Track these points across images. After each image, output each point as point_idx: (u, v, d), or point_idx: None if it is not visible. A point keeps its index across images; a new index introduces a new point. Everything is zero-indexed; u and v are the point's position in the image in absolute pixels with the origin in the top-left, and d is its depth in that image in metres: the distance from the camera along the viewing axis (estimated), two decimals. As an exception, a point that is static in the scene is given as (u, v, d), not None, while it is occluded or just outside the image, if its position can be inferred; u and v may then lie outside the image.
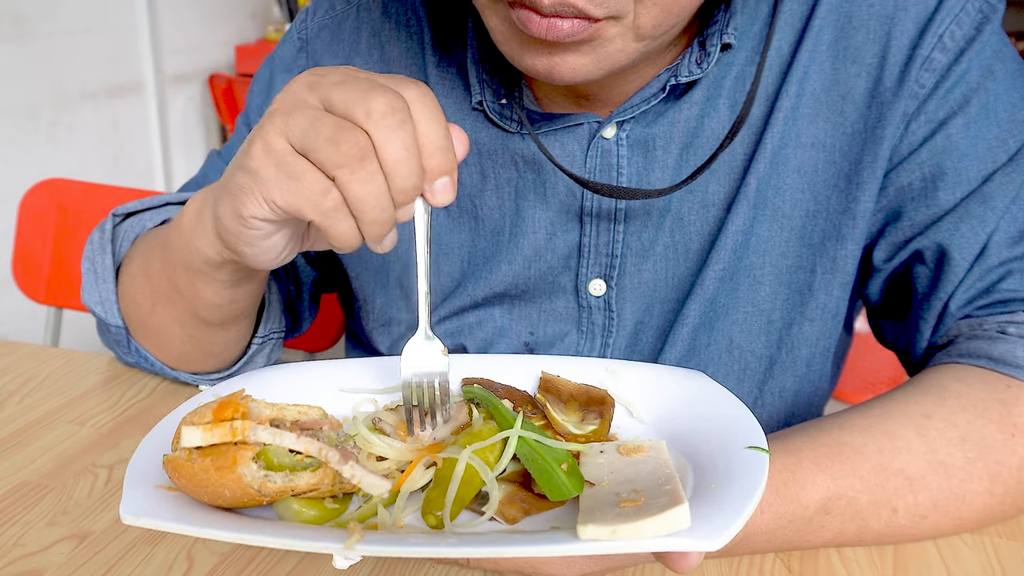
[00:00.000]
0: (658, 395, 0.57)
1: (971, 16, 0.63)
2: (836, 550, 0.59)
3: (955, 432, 0.57)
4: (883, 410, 0.59)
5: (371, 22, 0.76)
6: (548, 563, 0.49)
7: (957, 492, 0.57)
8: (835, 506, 0.55)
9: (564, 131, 0.69)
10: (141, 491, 0.46)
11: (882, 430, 0.57)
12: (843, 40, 0.65)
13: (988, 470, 0.57)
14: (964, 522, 0.58)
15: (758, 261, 0.69)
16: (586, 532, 0.41)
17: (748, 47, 0.67)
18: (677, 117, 0.67)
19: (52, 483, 0.67)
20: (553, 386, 0.59)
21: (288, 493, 0.46)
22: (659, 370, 0.59)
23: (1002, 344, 0.61)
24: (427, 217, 0.51)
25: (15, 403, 0.79)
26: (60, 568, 0.58)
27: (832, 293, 0.69)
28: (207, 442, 0.45)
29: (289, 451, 0.47)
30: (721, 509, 0.41)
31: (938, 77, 0.63)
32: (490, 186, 0.73)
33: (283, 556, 0.59)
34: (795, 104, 0.66)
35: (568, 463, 0.47)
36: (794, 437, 0.58)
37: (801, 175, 0.67)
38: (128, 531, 0.61)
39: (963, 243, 0.64)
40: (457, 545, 0.41)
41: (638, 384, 0.58)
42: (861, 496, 0.56)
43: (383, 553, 0.41)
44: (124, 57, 2.76)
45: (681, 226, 0.69)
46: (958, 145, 0.64)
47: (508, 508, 0.48)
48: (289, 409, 0.50)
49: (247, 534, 0.42)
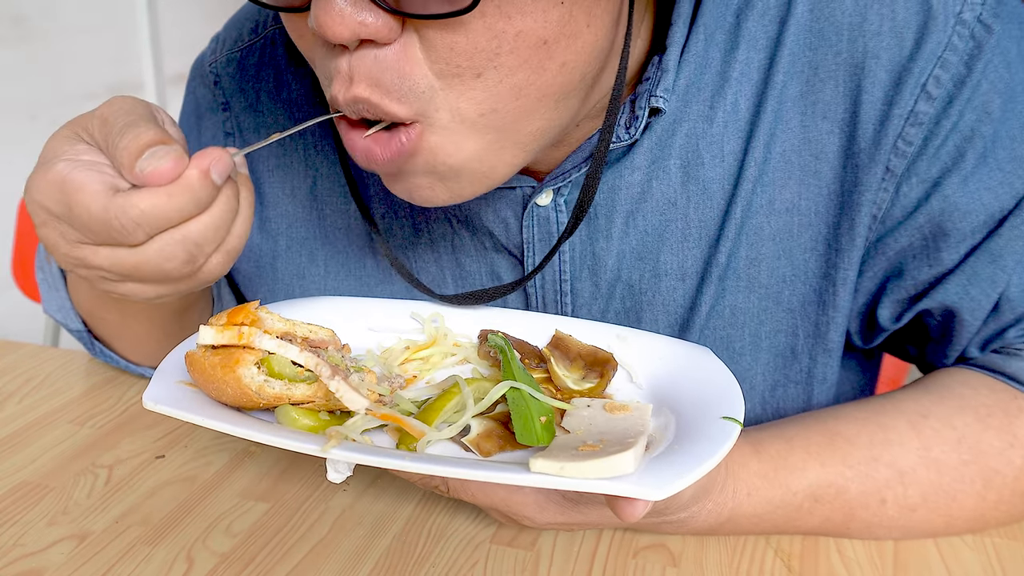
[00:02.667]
0: (661, 363, 0.58)
1: (959, 52, 0.55)
2: (836, 549, 0.59)
3: (952, 433, 0.57)
4: (880, 405, 0.60)
5: (274, 57, 0.72)
6: (522, 504, 0.51)
7: (948, 490, 0.57)
8: (824, 493, 0.55)
9: (495, 194, 0.64)
10: (164, 383, 0.51)
11: (876, 423, 0.58)
12: (810, 95, 0.58)
13: (982, 475, 0.57)
14: (955, 521, 0.58)
15: (736, 333, 0.65)
16: (536, 465, 0.43)
17: (698, 101, 0.60)
18: (618, 184, 0.62)
19: (52, 483, 0.67)
20: (563, 344, 0.61)
21: (284, 400, 0.50)
22: (667, 341, 0.60)
23: (1017, 361, 0.61)
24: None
25: (15, 403, 0.79)
26: (60, 568, 0.58)
27: (816, 360, 0.65)
28: (218, 341, 0.49)
29: (292, 363, 0.50)
30: (673, 464, 0.43)
31: (927, 132, 0.56)
32: (423, 240, 0.69)
33: (284, 556, 0.59)
34: (763, 169, 0.60)
35: (547, 416, 0.50)
36: (789, 425, 0.58)
37: (776, 242, 0.62)
38: (128, 531, 0.61)
39: (974, 306, 0.60)
40: (424, 462, 0.44)
41: (644, 352, 0.59)
42: (851, 485, 0.56)
43: (352, 459, 0.45)
44: (124, 57, 2.76)
45: (632, 294, 0.65)
46: (958, 205, 0.58)
47: (485, 441, 0.51)
48: (301, 326, 0.54)
49: (241, 428, 0.46)
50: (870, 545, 0.60)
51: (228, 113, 0.74)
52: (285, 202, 0.72)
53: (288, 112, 0.71)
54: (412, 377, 0.59)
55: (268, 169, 0.72)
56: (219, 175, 0.47)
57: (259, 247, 0.74)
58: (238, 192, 0.50)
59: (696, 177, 0.61)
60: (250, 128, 0.73)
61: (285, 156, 0.72)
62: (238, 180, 0.51)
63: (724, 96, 0.60)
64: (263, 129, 0.72)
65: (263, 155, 0.72)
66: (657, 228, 0.63)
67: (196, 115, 0.77)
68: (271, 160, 0.72)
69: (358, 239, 0.71)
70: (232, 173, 0.50)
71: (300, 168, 0.71)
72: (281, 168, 0.72)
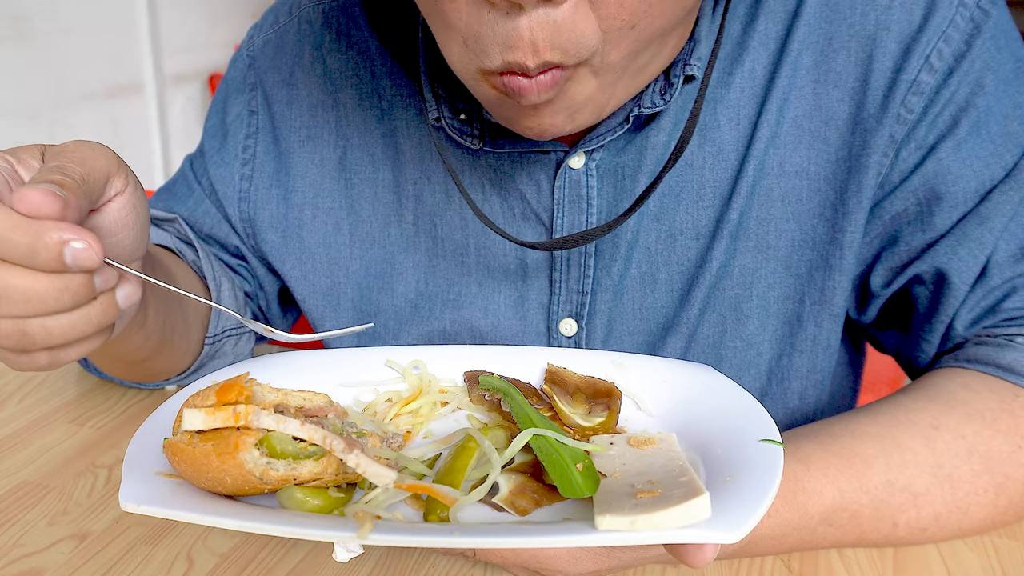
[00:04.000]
0: (666, 388, 0.56)
1: (960, 30, 0.60)
2: (836, 549, 0.59)
3: (962, 444, 0.57)
4: (892, 417, 0.59)
5: (312, 33, 0.74)
6: (554, 559, 0.48)
7: (960, 505, 0.56)
8: (838, 518, 0.55)
9: (530, 158, 0.67)
10: (140, 478, 0.45)
11: (892, 441, 0.57)
12: (824, 64, 0.62)
13: (994, 482, 0.57)
14: (964, 531, 0.58)
15: (744, 294, 0.67)
16: (604, 523, 0.39)
17: (717, 68, 0.64)
18: (645, 144, 0.65)
19: (52, 483, 0.67)
20: (559, 378, 0.58)
21: (291, 481, 0.45)
22: (666, 363, 0.58)
23: (1011, 352, 0.61)
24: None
25: (15, 403, 0.79)
26: (60, 568, 0.58)
27: (822, 325, 0.67)
28: (209, 426, 0.44)
29: (293, 438, 0.45)
30: (740, 502, 0.40)
31: (927, 101, 0.60)
32: (454, 206, 0.71)
33: (283, 556, 0.59)
34: (775, 132, 0.63)
35: (584, 463, 0.46)
36: (804, 443, 0.57)
37: (786, 204, 0.65)
38: (128, 531, 0.61)
39: (962, 266, 0.62)
40: (470, 535, 0.40)
41: (645, 377, 0.57)
42: (864, 510, 0.55)
43: (394, 543, 0.40)
44: (124, 57, 2.75)
45: (648, 256, 0.67)
46: (951, 169, 0.61)
47: (519, 499, 0.47)
48: (294, 395, 0.49)
49: (252, 522, 0.41)
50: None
51: (255, 92, 0.77)
52: (313, 172, 0.74)
53: (322, 85, 0.74)
54: (407, 433, 0.55)
55: (299, 140, 0.75)
56: (74, 260, 0.42)
57: (285, 217, 0.75)
58: (103, 308, 0.46)
59: (713, 139, 0.65)
60: (282, 100, 0.75)
61: (316, 127, 0.74)
62: (104, 296, 0.46)
63: (742, 63, 0.63)
64: (295, 103, 0.74)
65: (294, 126, 0.74)
66: (674, 189, 0.66)
67: (224, 98, 0.79)
68: (301, 131, 0.74)
69: (384, 208, 0.73)
70: (101, 283, 0.45)
71: (330, 139, 0.74)
72: (311, 139, 0.74)
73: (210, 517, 0.41)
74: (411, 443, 0.55)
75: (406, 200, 0.71)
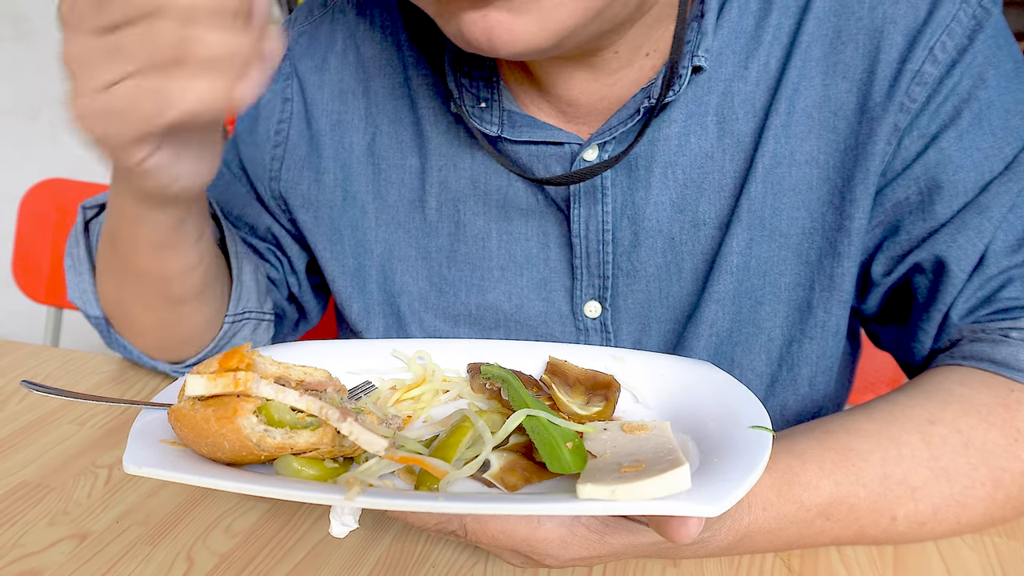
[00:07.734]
0: (664, 381, 0.57)
1: (963, 25, 0.62)
2: (836, 550, 0.59)
3: (959, 438, 0.57)
4: (888, 414, 0.59)
5: (345, 23, 0.77)
6: (544, 543, 0.49)
7: (959, 499, 0.57)
8: (836, 511, 0.55)
9: (545, 151, 0.69)
10: (145, 443, 0.47)
11: (888, 436, 0.57)
12: (833, 55, 0.64)
13: (991, 476, 0.57)
14: (963, 526, 0.58)
15: (758, 282, 0.69)
16: (585, 491, 0.40)
17: (732, 62, 0.66)
18: (656, 136, 0.67)
19: (52, 483, 0.67)
20: (560, 370, 0.60)
21: (287, 450, 0.46)
22: (665, 359, 0.60)
23: (1005, 347, 0.61)
24: None
25: (15, 403, 0.79)
26: (60, 568, 0.58)
27: (831, 311, 0.69)
28: (210, 391, 0.45)
29: (291, 409, 0.46)
30: (723, 478, 0.41)
31: (929, 91, 0.62)
32: (479, 191, 0.73)
33: (284, 556, 0.59)
34: (786, 121, 0.65)
35: (574, 442, 0.48)
36: (800, 439, 0.58)
37: (796, 193, 0.66)
38: (128, 531, 0.61)
39: (960, 254, 0.64)
40: (457, 501, 0.41)
41: (644, 371, 0.59)
42: (862, 504, 0.56)
43: (381, 506, 0.41)
44: (124, 57, 2.75)
45: (672, 246, 0.69)
46: (952, 158, 0.63)
47: (509, 475, 0.48)
48: (295, 369, 0.50)
49: (246, 484, 0.42)
50: (870, 546, 0.60)
51: (289, 82, 0.78)
52: (343, 155, 0.77)
53: (354, 72, 0.76)
54: (408, 417, 0.57)
55: (330, 124, 0.77)
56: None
57: (317, 198, 0.78)
58: (254, 40, 0.46)
59: (731, 131, 0.66)
60: (314, 85, 0.77)
61: (346, 113, 0.76)
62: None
63: (757, 57, 0.65)
64: (327, 87, 0.77)
65: (326, 110, 0.76)
66: (696, 180, 0.68)
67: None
68: (332, 116, 0.77)
69: (409, 193, 0.75)
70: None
71: (360, 124, 0.76)
72: (341, 124, 0.76)
73: (207, 479, 0.42)
74: (411, 426, 0.56)
75: (430, 187, 0.74)
